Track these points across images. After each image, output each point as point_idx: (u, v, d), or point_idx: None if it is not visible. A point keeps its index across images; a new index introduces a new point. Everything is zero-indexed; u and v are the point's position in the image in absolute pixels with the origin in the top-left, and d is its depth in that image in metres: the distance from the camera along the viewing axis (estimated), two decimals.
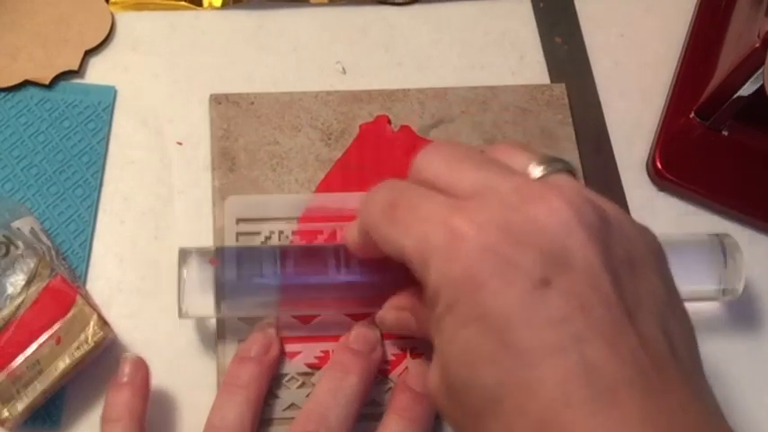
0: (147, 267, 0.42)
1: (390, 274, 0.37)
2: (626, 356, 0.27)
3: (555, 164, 0.31)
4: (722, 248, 0.41)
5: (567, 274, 0.27)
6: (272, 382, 0.39)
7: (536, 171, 0.31)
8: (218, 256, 0.37)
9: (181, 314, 0.37)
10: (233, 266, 0.37)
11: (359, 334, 0.39)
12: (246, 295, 0.38)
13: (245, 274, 0.37)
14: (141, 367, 0.37)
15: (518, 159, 0.32)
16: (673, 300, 0.30)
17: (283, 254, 0.38)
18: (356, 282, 0.38)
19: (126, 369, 0.37)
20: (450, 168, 0.31)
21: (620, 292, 0.28)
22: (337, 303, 0.39)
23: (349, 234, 0.36)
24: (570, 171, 0.31)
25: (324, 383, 0.37)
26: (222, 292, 0.37)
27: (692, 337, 0.30)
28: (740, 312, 0.44)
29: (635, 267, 0.29)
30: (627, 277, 0.28)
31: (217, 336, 0.40)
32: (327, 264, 0.38)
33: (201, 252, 0.38)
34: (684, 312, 0.30)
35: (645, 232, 0.31)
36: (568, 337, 0.27)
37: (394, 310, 0.38)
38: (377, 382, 0.39)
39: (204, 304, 0.37)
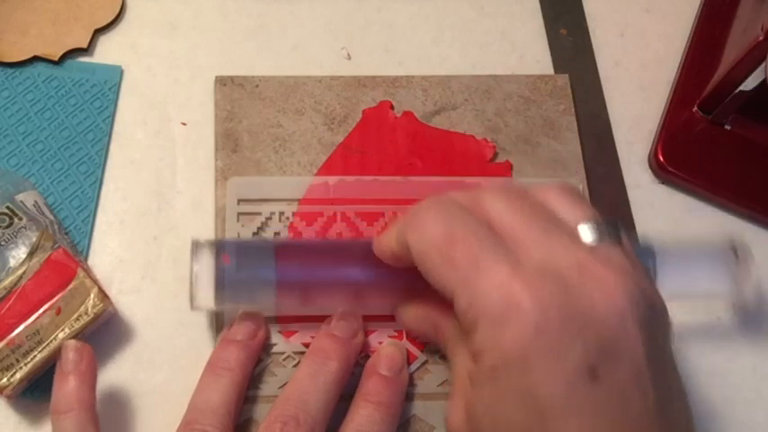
0: (149, 244, 0.43)
1: (407, 280, 0.36)
2: None
3: (605, 230, 0.32)
4: (734, 255, 0.40)
5: (615, 365, 0.29)
6: (257, 366, 0.39)
7: (587, 235, 0.31)
8: (223, 249, 0.37)
9: (192, 307, 0.37)
10: (234, 260, 0.37)
11: (341, 320, 0.39)
12: (247, 290, 0.37)
13: (245, 267, 0.37)
14: (85, 353, 0.36)
15: (569, 212, 0.32)
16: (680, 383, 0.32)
17: (283, 250, 0.38)
18: (368, 282, 0.38)
19: (69, 356, 0.35)
20: (518, 222, 0.32)
21: (656, 384, 0.29)
22: (344, 300, 0.39)
23: (384, 243, 0.35)
24: (620, 239, 0.32)
25: (304, 368, 0.37)
26: (222, 285, 0.37)
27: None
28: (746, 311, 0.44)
29: (667, 355, 0.31)
30: (663, 368, 0.30)
31: (217, 334, 0.40)
32: (338, 260, 0.38)
33: (212, 244, 0.37)
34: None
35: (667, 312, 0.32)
36: (607, 428, 0.28)
37: (417, 318, 0.38)
38: (357, 368, 0.39)
39: (213, 297, 0.37)
